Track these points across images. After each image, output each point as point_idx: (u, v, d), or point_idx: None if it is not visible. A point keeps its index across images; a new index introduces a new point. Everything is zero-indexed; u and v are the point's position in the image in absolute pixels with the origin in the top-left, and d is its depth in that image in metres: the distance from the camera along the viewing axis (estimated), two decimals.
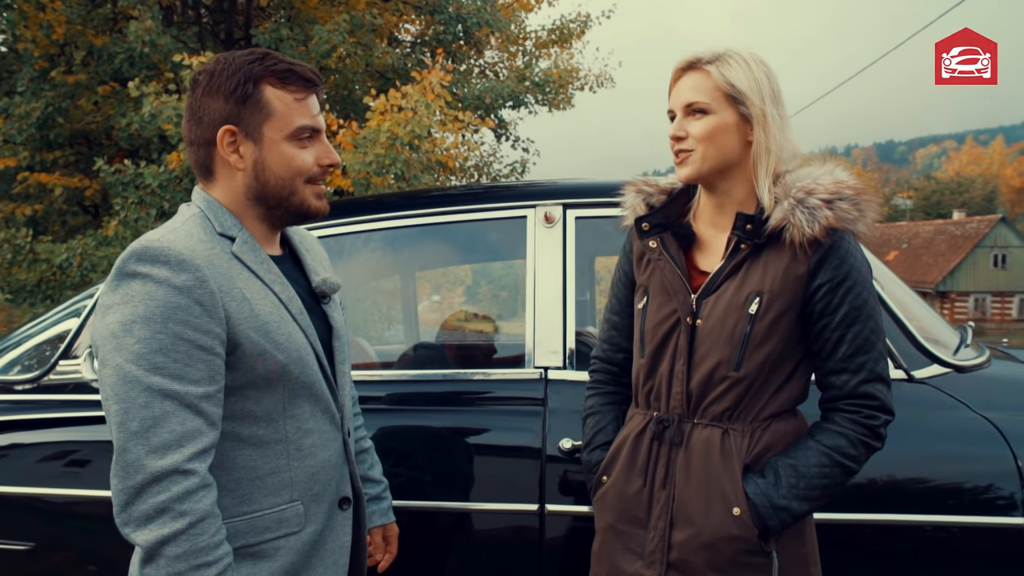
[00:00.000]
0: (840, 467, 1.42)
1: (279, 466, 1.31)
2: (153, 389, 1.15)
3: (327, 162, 1.37)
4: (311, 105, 1.35)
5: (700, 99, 1.45)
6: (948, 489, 1.81)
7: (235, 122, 1.31)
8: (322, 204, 1.40)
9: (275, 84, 1.31)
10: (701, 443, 1.45)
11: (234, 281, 1.26)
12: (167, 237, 1.24)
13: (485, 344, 2.95)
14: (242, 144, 1.32)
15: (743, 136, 1.46)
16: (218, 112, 1.31)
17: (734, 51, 1.47)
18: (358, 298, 3.11)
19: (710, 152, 1.45)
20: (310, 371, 1.34)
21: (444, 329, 3.24)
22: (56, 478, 2.07)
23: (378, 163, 6.74)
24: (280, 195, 1.34)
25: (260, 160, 1.32)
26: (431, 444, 2.01)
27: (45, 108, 8.36)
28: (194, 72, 1.37)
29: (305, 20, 9.17)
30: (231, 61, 1.32)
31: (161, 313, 1.17)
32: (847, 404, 1.44)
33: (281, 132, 1.32)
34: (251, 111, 1.31)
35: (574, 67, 11.77)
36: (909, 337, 1.93)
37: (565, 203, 2.09)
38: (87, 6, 8.99)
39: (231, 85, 1.30)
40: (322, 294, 1.45)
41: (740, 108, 1.44)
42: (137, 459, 1.14)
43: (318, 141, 1.37)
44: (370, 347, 3.07)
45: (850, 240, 1.44)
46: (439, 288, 10.02)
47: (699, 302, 1.47)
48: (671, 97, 1.51)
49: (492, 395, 2.03)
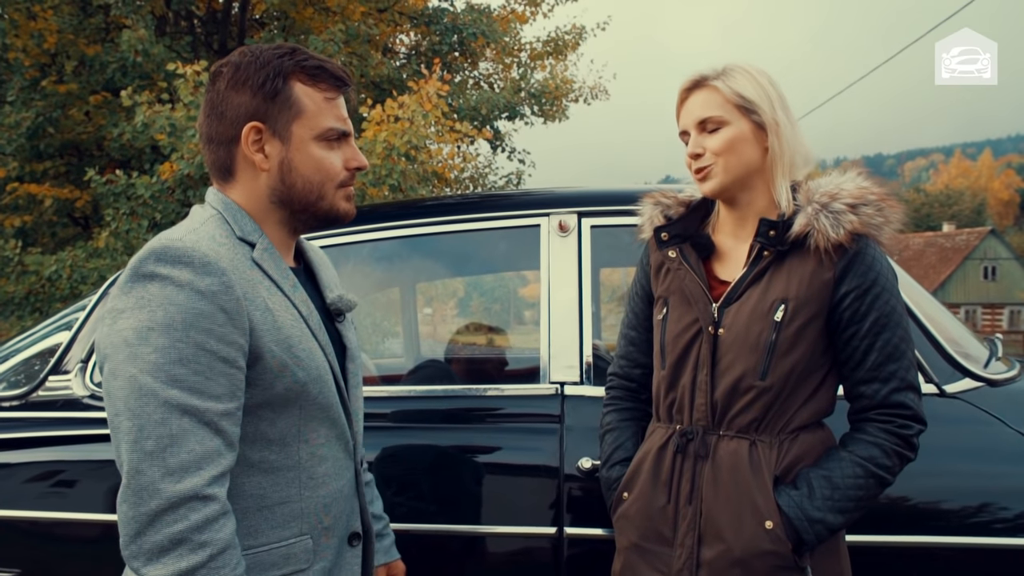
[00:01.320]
0: (875, 478, 1.38)
1: (289, 495, 1.21)
2: (171, 404, 1.05)
3: (355, 165, 1.29)
4: (340, 106, 1.27)
5: (713, 113, 1.44)
6: (985, 509, 1.73)
7: (262, 119, 1.21)
8: (350, 207, 1.31)
9: (305, 81, 1.23)
10: (728, 455, 1.41)
11: (257, 289, 1.17)
12: (189, 237, 1.13)
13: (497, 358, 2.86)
14: (268, 143, 1.22)
15: (760, 144, 1.45)
16: (244, 107, 1.21)
17: (735, 64, 1.47)
18: (363, 311, 3.01)
19: (731, 163, 1.44)
20: (328, 392, 1.24)
21: (453, 343, 3.15)
22: (45, 500, 1.96)
23: (374, 174, 6.67)
24: (307, 199, 1.25)
25: (287, 161, 1.23)
26: (441, 464, 1.91)
27: (35, 118, 8.25)
28: (216, 64, 1.28)
29: (300, 31, 9.11)
30: (259, 54, 1.23)
31: (182, 320, 1.07)
32: (879, 414, 1.41)
33: (311, 132, 1.23)
34: (280, 108, 1.21)
35: (568, 79, 11.77)
36: (939, 350, 1.86)
37: (580, 211, 2.01)
38: (79, 15, 8.90)
39: (259, 79, 1.21)
40: (337, 312, 1.35)
41: (753, 117, 1.44)
42: (152, 482, 1.03)
43: (346, 143, 1.29)
44: (370, 361, 2.98)
45: (875, 246, 1.42)
46: (431, 300, 9.92)
47: (721, 311, 1.45)
48: (681, 118, 1.51)
49: (506, 412, 1.95)
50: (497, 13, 10.98)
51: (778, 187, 1.45)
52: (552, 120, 11.82)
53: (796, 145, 1.45)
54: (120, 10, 7.81)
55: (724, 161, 1.43)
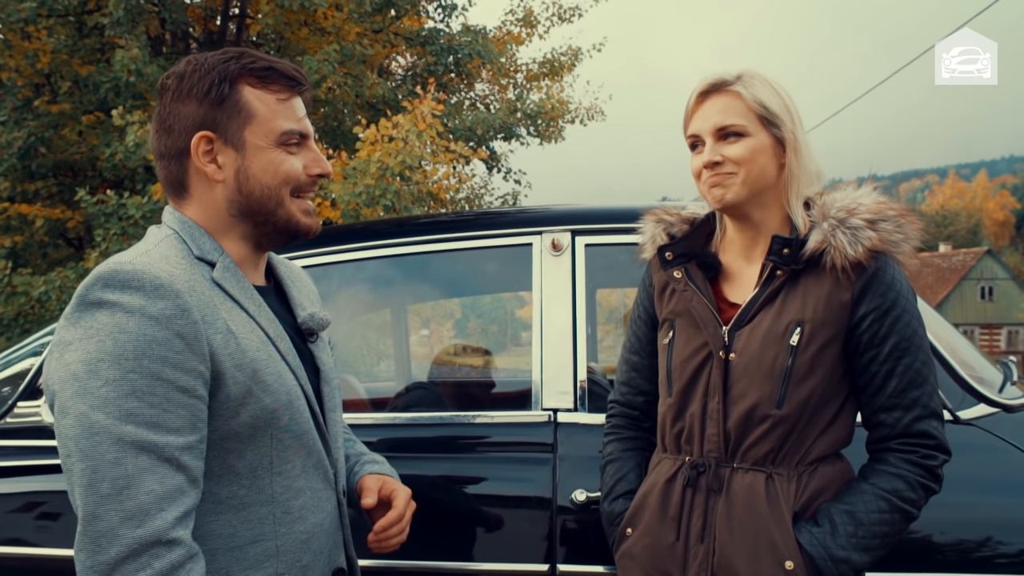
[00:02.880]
0: (900, 512, 1.30)
1: (263, 533, 1.12)
2: (125, 441, 0.97)
3: (317, 171, 1.21)
4: (296, 107, 1.20)
5: (736, 121, 1.35)
6: (1004, 543, 1.64)
7: (211, 127, 1.15)
8: (311, 221, 1.23)
9: (254, 84, 1.16)
10: (743, 490, 1.32)
11: (217, 311, 1.09)
12: (140, 259, 1.06)
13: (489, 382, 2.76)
14: (220, 152, 1.16)
15: (777, 160, 1.37)
16: (191, 117, 1.15)
17: (752, 71, 1.38)
18: (348, 332, 2.92)
19: (751, 176, 1.35)
20: (301, 418, 1.16)
21: (441, 366, 3.05)
22: (15, 535, 1.86)
23: (368, 194, 6.60)
24: (266, 207, 1.18)
25: (243, 169, 1.16)
26: (427, 497, 1.80)
27: (27, 138, 8.19)
28: (163, 77, 1.21)
29: (295, 51, 9.09)
30: (203, 61, 1.17)
31: (134, 349, 0.99)
32: (901, 444, 1.33)
33: (266, 137, 1.16)
34: (229, 114, 1.15)
35: (565, 100, 11.77)
36: (953, 374, 1.77)
37: (574, 230, 1.93)
38: (74, 36, 8.88)
39: (204, 86, 1.14)
40: (309, 331, 1.27)
41: (773, 131, 1.35)
42: (110, 528, 0.95)
43: (306, 148, 1.21)
44: (359, 385, 2.87)
45: (894, 265, 1.34)
46: (428, 322, 9.81)
47: (731, 334, 1.36)
48: (694, 122, 1.40)
49: (495, 440, 1.85)
50: (493, 34, 10.99)
51: (793, 207, 1.37)
52: (549, 141, 11.81)
53: (810, 163, 1.37)
54: (114, 30, 7.77)
55: (745, 172, 1.34)
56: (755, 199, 1.37)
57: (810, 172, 1.37)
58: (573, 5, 11.64)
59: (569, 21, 11.79)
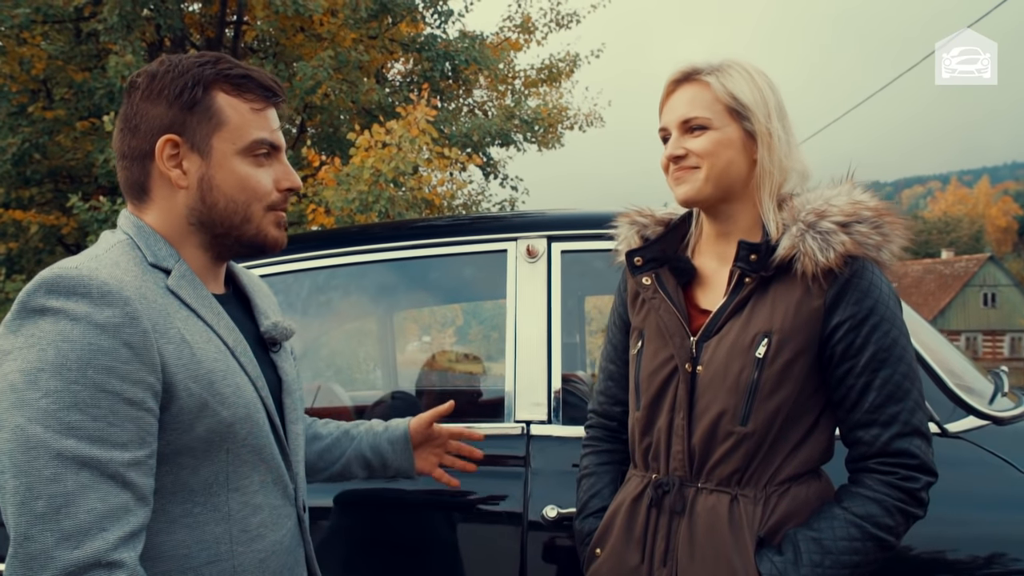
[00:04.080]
0: (874, 540, 1.20)
1: (219, 552, 1.06)
2: (65, 456, 0.91)
3: (287, 185, 1.17)
4: (270, 117, 1.16)
5: (699, 113, 1.27)
6: (993, 561, 1.57)
7: (179, 131, 1.10)
8: (280, 234, 1.19)
9: (229, 91, 1.12)
10: (706, 512, 1.25)
11: (171, 320, 1.03)
12: (88, 264, 1.00)
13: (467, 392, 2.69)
14: (186, 157, 1.11)
15: (748, 155, 1.29)
16: (159, 119, 1.10)
17: (734, 60, 1.30)
18: (326, 340, 2.86)
19: (714, 171, 1.27)
20: (260, 432, 1.10)
21: (426, 374, 2.99)
22: None
23: (361, 200, 6.56)
24: (230, 221, 1.13)
25: (207, 177, 1.11)
26: (396, 511, 1.75)
27: (22, 144, 8.16)
28: (133, 75, 1.16)
29: (290, 57, 9.07)
30: (178, 63, 1.12)
31: (77, 358, 0.93)
32: (879, 464, 1.23)
33: (234, 145, 1.11)
34: (199, 119, 1.10)
35: (563, 106, 11.74)
36: (940, 384, 1.70)
37: (550, 235, 1.87)
38: (72, 42, 8.87)
39: (176, 88, 1.10)
40: (272, 341, 1.23)
41: (744, 124, 1.27)
42: (44, 550, 0.88)
43: (277, 160, 1.17)
44: (344, 393, 2.82)
45: (873, 269, 1.25)
46: (428, 328, 9.72)
47: (699, 345, 1.29)
48: (664, 113, 1.34)
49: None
50: (491, 40, 10.97)
51: (764, 207, 1.29)
52: (547, 147, 11.78)
53: (791, 161, 1.29)
54: (109, 36, 7.75)
55: (709, 166, 1.27)
56: (723, 195, 1.30)
57: (786, 170, 1.29)
58: (571, 11, 11.62)
59: (567, 27, 11.76)
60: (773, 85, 1.31)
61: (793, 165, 1.29)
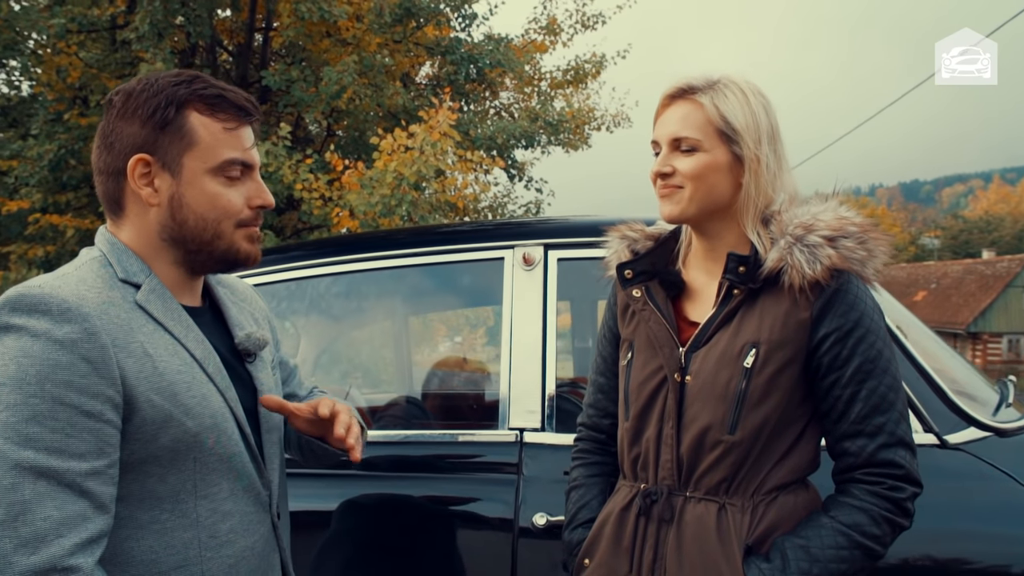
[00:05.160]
0: (861, 549, 1.21)
1: (188, 558, 1.09)
2: (23, 467, 0.95)
3: (259, 203, 1.19)
4: (243, 137, 1.18)
5: (690, 134, 1.28)
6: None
7: (150, 150, 1.13)
8: (253, 249, 1.21)
9: (202, 111, 1.14)
10: (694, 521, 1.26)
11: (134, 335, 1.07)
12: (51, 283, 1.04)
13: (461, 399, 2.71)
14: (157, 176, 1.14)
15: (734, 178, 1.30)
16: (132, 138, 1.13)
17: (730, 79, 1.30)
18: (339, 344, 2.90)
19: (699, 193, 1.29)
20: (228, 441, 1.13)
21: (434, 379, 3.01)
22: None
23: (384, 204, 6.62)
24: (201, 238, 1.16)
25: (177, 196, 1.14)
26: (390, 517, 1.77)
27: (58, 150, 8.40)
28: (111, 92, 1.20)
29: (317, 62, 9.18)
30: (153, 82, 1.15)
31: (36, 373, 0.97)
32: (865, 474, 1.25)
33: (205, 164, 1.14)
34: (171, 139, 1.13)
35: (590, 107, 11.71)
36: (940, 394, 1.67)
37: (546, 243, 1.88)
38: (107, 50, 9.10)
39: (150, 108, 1.12)
40: (246, 352, 1.25)
41: (733, 147, 1.28)
42: (3, 555, 0.93)
43: (250, 178, 1.19)
44: (360, 395, 2.85)
45: (858, 284, 1.27)
46: (459, 329, 9.77)
47: (688, 356, 1.30)
48: (656, 126, 1.35)
49: (461, 459, 1.80)
50: (516, 42, 10.99)
51: (748, 229, 1.31)
52: (574, 149, 11.77)
53: (778, 185, 1.30)
54: (141, 45, 7.94)
55: (692, 188, 1.28)
56: (707, 215, 1.31)
57: (770, 197, 1.30)
58: (597, 12, 11.59)
59: (593, 28, 11.74)
60: (769, 107, 1.31)
61: (779, 190, 1.30)
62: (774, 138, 1.30)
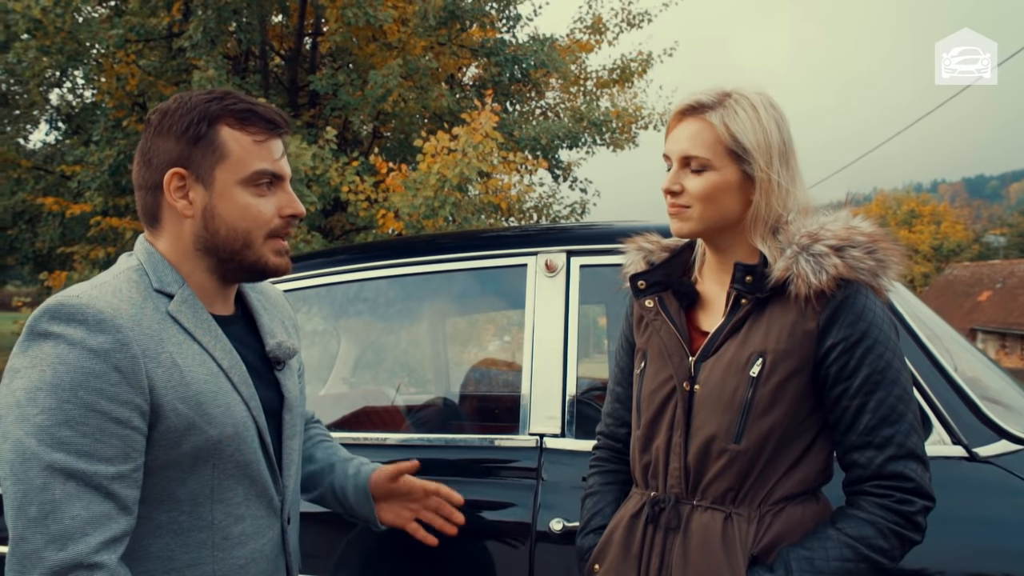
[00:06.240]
0: (867, 562, 1.19)
1: (201, 557, 1.15)
2: (54, 468, 1.02)
3: (289, 212, 1.25)
4: (273, 149, 1.23)
5: (700, 153, 1.28)
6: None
7: (185, 164, 1.19)
8: (282, 261, 1.27)
9: (233, 125, 1.20)
10: (700, 529, 1.27)
11: (164, 344, 1.13)
12: (88, 293, 1.11)
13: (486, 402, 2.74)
14: (191, 189, 1.20)
15: (744, 195, 1.30)
16: (168, 154, 1.20)
17: (741, 93, 1.29)
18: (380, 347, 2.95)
19: (708, 212, 1.30)
20: (247, 449, 1.19)
21: (471, 379, 3.05)
22: None
23: (427, 206, 6.70)
24: (232, 247, 1.22)
25: (210, 207, 1.20)
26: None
27: (117, 155, 8.74)
28: (150, 111, 1.28)
29: (363, 66, 9.34)
30: (187, 100, 1.22)
31: (71, 380, 1.04)
32: (874, 486, 1.23)
33: (235, 176, 1.20)
34: (203, 153, 1.19)
35: (637, 106, 11.63)
36: (970, 405, 1.62)
37: (569, 250, 1.89)
38: (164, 58, 9.42)
39: (183, 124, 1.19)
40: (275, 360, 1.31)
41: (744, 167, 1.28)
42: (35, 550, 1.00)
43: (280, 189, 1.25)
44: (395, 395, 2.90)
45: (867, 294, 1.26)
46: (507, 328, 9.75)
47: (697, 365, 1.31)
48: (668, 141, 1.35)
49: (482, 464, 1.82)
50: (563, 42, 10.98)
51: (756, 243, 1.31)
52: (621, 148, 11.70)
53: (790, 202, 1.29)
54: (194, 52, 8.20)
55: (701, 208, 1.29)
56: (716, 231, 1.32)
57: (779, 213, 1.29)
58: (642, 10, 11.51)
59: (639, 26, 11.66)
60: (782, 121, 1.30)
61: (791, 205, 1.29)
62: (786, 153, 1.29)
